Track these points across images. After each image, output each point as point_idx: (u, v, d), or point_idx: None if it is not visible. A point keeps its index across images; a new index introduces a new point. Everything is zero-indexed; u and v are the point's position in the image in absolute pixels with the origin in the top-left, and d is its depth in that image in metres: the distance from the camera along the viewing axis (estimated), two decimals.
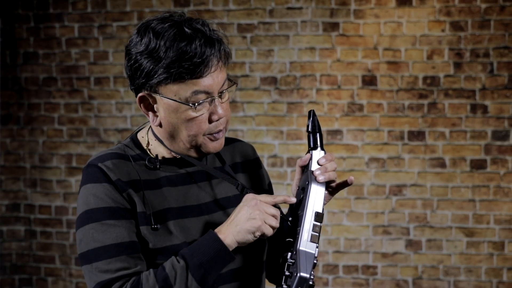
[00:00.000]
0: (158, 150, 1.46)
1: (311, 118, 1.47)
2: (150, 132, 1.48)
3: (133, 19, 4.03)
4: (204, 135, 1.40)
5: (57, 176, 4.14)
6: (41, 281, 4.19)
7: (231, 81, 1.43)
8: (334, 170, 1.44)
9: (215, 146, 1.43)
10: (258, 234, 1.33)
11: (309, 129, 1.46)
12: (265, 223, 1.33)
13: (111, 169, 1.38)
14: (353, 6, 3.85)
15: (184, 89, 1.34)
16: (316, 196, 1.40)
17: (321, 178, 1.41)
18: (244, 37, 3.94)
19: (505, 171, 3.79)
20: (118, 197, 1.36)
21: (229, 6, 3.95)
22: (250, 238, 1.33)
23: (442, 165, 3.83)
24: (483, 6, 3.76)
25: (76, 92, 4.11)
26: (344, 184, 1.49)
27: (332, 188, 1.49)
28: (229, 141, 1.60)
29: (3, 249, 4.22)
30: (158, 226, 1.38)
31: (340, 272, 3.93)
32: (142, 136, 1.49)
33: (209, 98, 1.37)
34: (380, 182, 3.88)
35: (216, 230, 1.35)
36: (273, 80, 3.93)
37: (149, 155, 1.45)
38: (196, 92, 1.34)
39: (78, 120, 4.11)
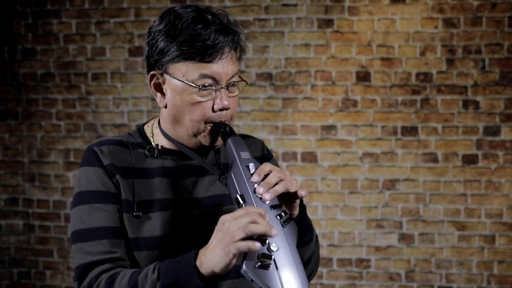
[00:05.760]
0: (160, 139, 1.48)
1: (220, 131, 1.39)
2: (156, 122, 1.51)
3: (130, 15, 4.05)
4: (206, 123, 1.39)
5: (55, 171, 4.17)
6: (39, 275, 4.23)
7: (243, 79, 1.43)
8: (279, 180, 1.27)
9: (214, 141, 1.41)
10: (231, 256, 1.17)
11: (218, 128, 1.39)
12: (237, 240, 1.16)
13: (104, 153, 1.42)
14: (347, 3, 3.88)
15: (192, 70, 1.34)
16: (231, 186, 1.29)
17: (266, 196, 1.24)
18: None
19: (496, 166, 3.84)
20: (108, 182, 1.40)
21: (225, 3, 3.97)
22: (226, 262, 1.18)
23: (435, 160, 3.87)
24: (475, 3, 3.80)
25: (74, 87, 4.13)
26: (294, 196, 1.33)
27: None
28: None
29: (2, 243, 4.24)
30: (140, 214, 1.40)
31: (334, 265, 3.97)
32: (148, 126, 1.52)
33: (216, 85, 1.36)
34: (373, 176, 3.92)
35: (199, 254, 1.24)
36: (269, 76, 3.97)
37: (150, 145, 1.47)
38: (203, 76, 1.35)
39: (76, 115, 4.14)
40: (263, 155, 1.61)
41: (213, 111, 1.37)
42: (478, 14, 3.80)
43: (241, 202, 1.24)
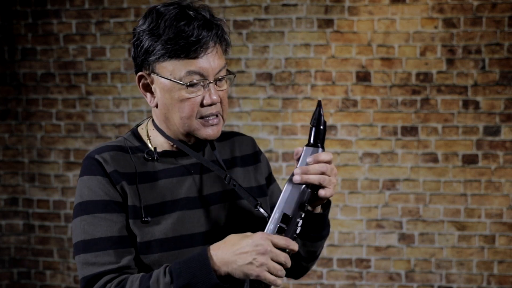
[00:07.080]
0: (157, 140, 1.47)
1: (315, 110, 1.36)
2: (150, 123, 1.50)
3: (130, 15, 4.05)
4: (197, 118, 1.40)
5: (55, 171, 4.17)
6: (39, 275, 4.23)
7: (230, 72, 1.44)
8: (319, 173, 1.32)
9: (209, 132, 1.42)
10: (253, 275, 1.26)
11: (311, 122, 1.36)
12: (267, 271, 1.26)
13: (107, 161, 1.40)
14: (347, 3, 3.88)
15: (179, 68, 1.35)
16: (288, 197, 1.31)
17: (296, 178, 1.32)
18: (240, 34, 3.97)
19: (496, 166, 3.84)
20: (112, 190, 1.39)
21: (225, 3, 3.97)
22: (244, 274, 1.26)
23: (435, 160, 3.87)
24: (475, 3, 3.80)
25: (74, 87, 4.14)
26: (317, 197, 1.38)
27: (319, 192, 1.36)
28: (229, 135, 1.60)
29: (2, 243, 4.25)
30: (149, 219, 1.39)
31: (334, 265, 3.97)
32: (142, 129, 1.51)
33: (203, 81, 1.37)
34: (373, 176, 3.92)
35: (211, 254, 1.29)
36: (269, 76, 3.97)
37: (148, 148, 1.47)
38: (190, 72, 1.36)
39: (76, 115, 4.14)
40: (256, 152, 1.62)
41: (202, 106, 1.39)
42: (478, 14, 3.80)
43: (284, 224, 1.31)
